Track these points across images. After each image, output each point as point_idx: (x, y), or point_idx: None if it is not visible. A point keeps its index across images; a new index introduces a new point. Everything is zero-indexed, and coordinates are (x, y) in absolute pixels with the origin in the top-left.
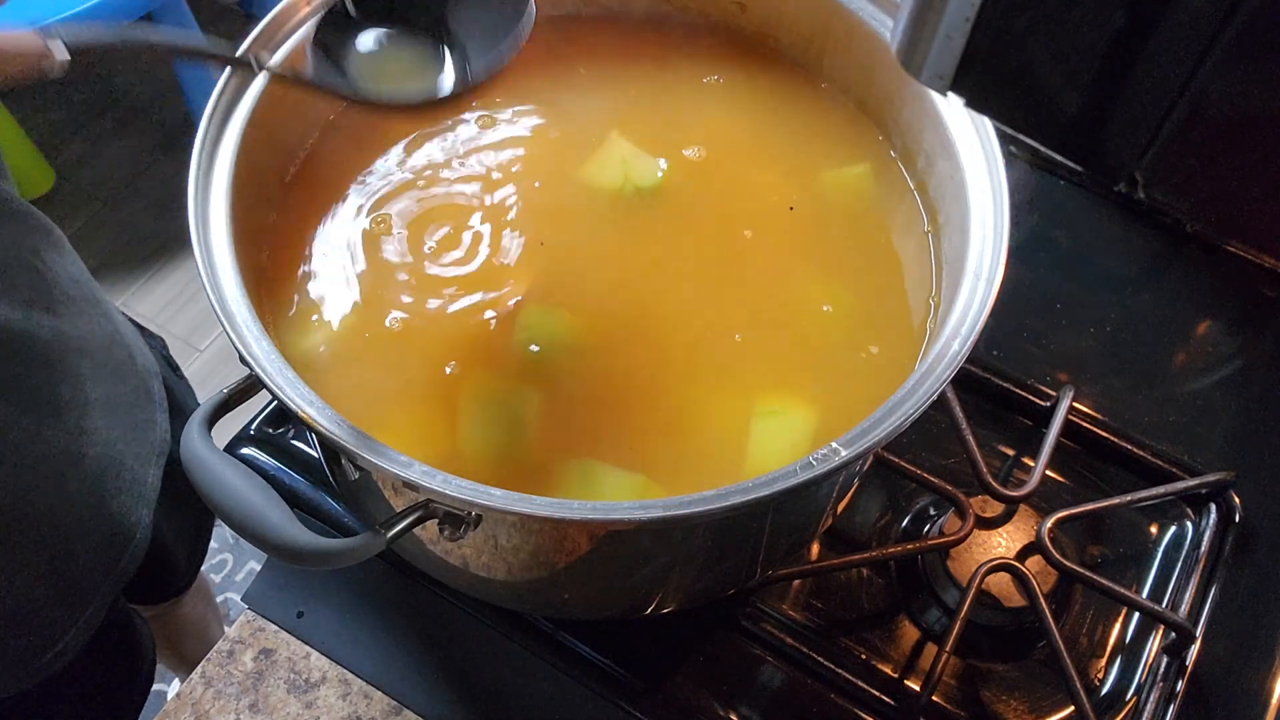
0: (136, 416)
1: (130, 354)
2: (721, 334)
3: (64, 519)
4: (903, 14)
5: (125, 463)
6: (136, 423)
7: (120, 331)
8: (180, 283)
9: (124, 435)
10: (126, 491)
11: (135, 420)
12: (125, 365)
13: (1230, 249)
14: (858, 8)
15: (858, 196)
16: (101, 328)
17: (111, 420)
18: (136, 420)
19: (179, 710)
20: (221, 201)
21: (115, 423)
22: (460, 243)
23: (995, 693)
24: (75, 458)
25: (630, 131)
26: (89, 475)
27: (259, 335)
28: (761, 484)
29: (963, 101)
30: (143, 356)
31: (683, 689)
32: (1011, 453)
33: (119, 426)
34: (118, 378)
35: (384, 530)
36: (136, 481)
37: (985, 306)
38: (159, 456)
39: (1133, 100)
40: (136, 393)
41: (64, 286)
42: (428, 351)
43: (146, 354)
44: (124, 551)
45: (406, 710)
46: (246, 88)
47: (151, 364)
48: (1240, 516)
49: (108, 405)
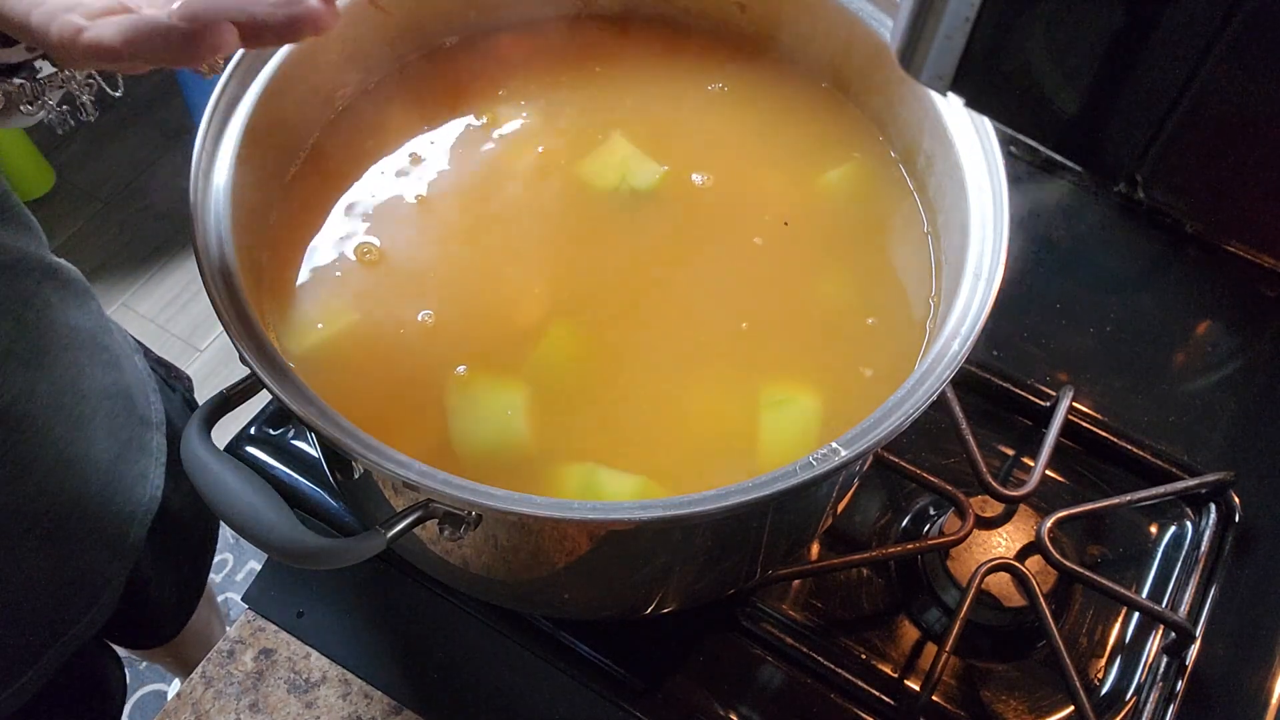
0: (124, 471)
1: (131, 404)
2: (722, 333)
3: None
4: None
5: (104, 519)
6: (124, 478)
7: (123, 381)
8: (180, 283)
9: (101, 492)
10: (102, 546)
11: (122, 475)
12: (120, 419)
13: (1230, 249)
14: (858, 8)
15: (857, 197)
16: (98, 378)
17: (88, 477)
18: (124, 475)
19: (179, 710)
20: (222, 202)
21: (93, 479)
22: (461, 243)
23: (995, 693)
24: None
25: (632, 133)
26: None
27: (259, 335)
28: (761, 484)
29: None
30: (145, 407)
31: (683, 689)
32: (1011, 453)
33: (96, 483)
34: (107, 431)
35: (384, 530)
36: (115, 538)
37: (985, 306)
38: (145, 514)
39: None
40: (127, 447)
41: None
42: (428, 351)
43: (152, 404)
44: (93, 603)
45: (406, 710)
46: (247, 88)
47: (157, 415)
48: (1240, 516)
49: (87, 461)
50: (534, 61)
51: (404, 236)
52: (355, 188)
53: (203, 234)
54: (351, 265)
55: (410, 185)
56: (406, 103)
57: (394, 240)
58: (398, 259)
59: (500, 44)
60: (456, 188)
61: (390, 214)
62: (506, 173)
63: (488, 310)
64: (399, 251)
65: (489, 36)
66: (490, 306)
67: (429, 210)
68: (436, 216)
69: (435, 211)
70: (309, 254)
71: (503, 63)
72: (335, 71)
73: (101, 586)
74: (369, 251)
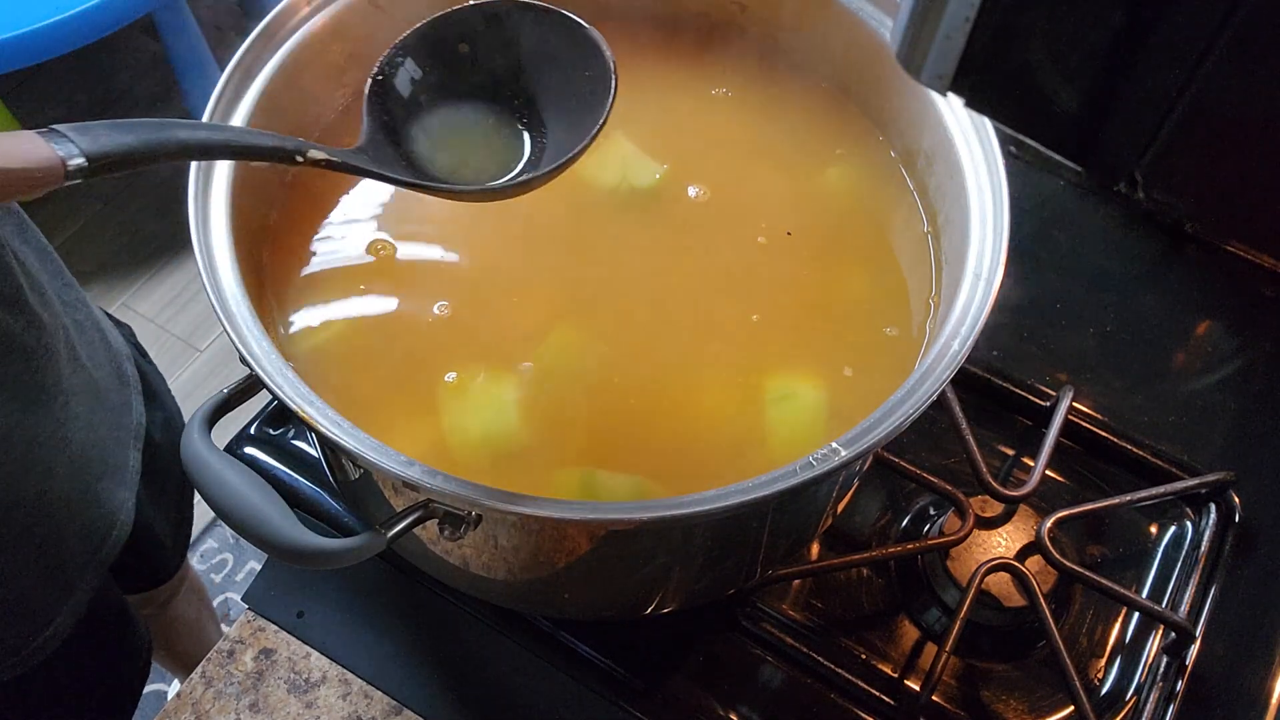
0: (113, 400)
1: (104, 336)
2: (722, 331)
3: (52, 505)
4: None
5: (107, 446)
6: (114, 406)
7: (93, 314)
8: (180, 283)
9: (104, 420)
10: (109, 475)
11: (113, 404)
12: (99, 349)
13: (1230, 249)
14: (858, 8)
15: (857, 197)
16: (74, 311)
17: (91, 405)
18: (114, 404)
19: (179, 710)
20: (221, 201)
21: (95, 407)
22: (461, 243)
23: (995, 693)
24: (61, 444)
25: (632, 132)
26: (74, 461)
27: (259, 335)
28: (761, 484)
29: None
30: (114, 338)
31: (683, 689)
32: (1011, 453)
33: (99, 411)
34: (93, 363)
35: (384, 530)
36: (118, 465)
37: (985, 306)
38: (137, 439)
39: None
40: (111, 377)
41: (34, 274)
42: (428, 352)
43: (117, 336)
44: (108, 534)
45: (406, 710)
46: (247, 88)
47: (123, 346)
48: (1240, 516)
49: (86, 391)
50: None
51: (403, 237)
52: (355, 188)
53: (202, 234)
54: (351, 265)
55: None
56: None
57: (393, 241)
58: (397, 260)
59: None
60: None
61: (390, 214)
62: None
63: (489, 309)
64: (398, 252)
65: None
66: (491, 306)
67: (428, 210)
68: (436, 216)
69: (435, 211)
70: (309, 254)
71: None
72: (335, 71)
73: (116, 510)
74: (368, 252)
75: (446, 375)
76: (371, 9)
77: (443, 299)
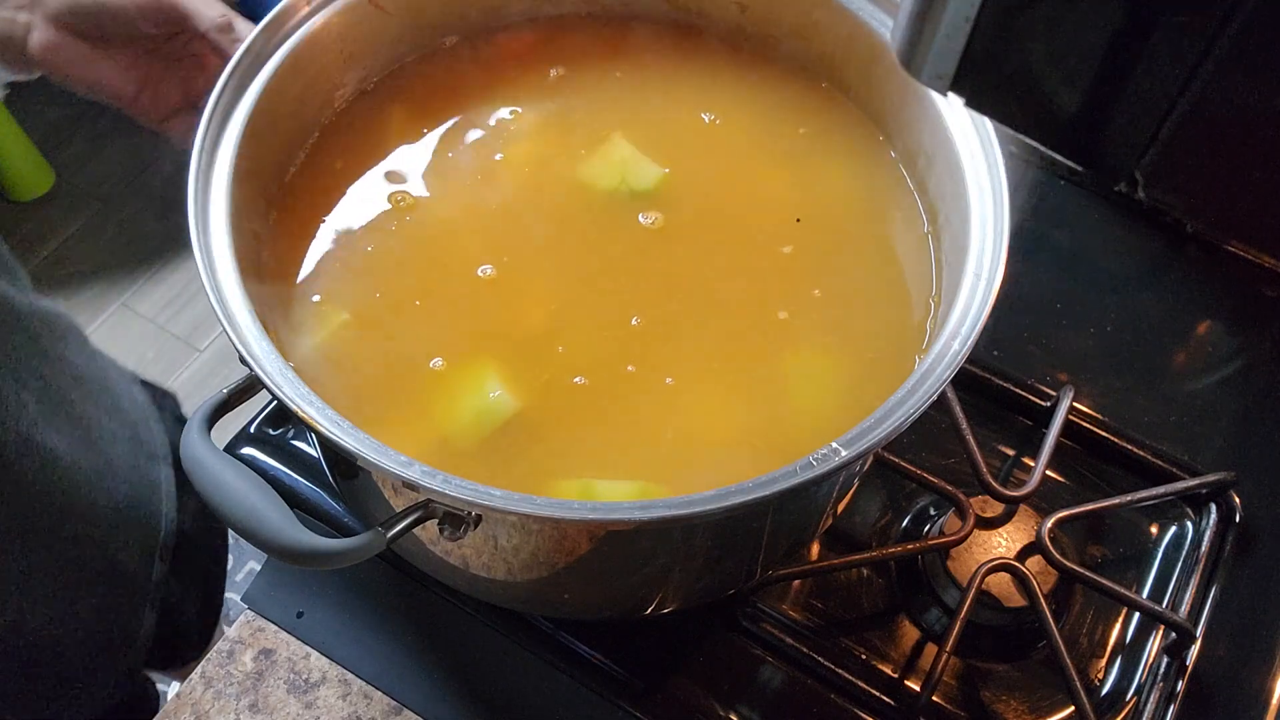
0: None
1: (137, 441)
2: (721, 331)
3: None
4: (903, 14)
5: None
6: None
7: (128, 420)
8: (180, 283)
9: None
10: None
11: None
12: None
13: (1230, 249)
14: (858, 8)
15: (857, 197)
16: (105, 424)
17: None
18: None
19: (179, 710)
20: (221, 201)
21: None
22: (460, 244)
23: (995, 693)
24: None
25: (632, 133)
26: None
27: (259, 335)
28: (761, 484)
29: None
30: (149, 440)
31: (683, 689)
32: (1011, 453)
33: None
34: (122, 475)
35: (384, 530)
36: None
37: (985, 306)
38: (165, 548)
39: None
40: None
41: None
42: (429, 353)
43: (155, 434)
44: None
45: (406, 710)
46: (247, 87)
47: (161, 446)
48: (1240, 516)
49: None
50: (534, 61)
51: (403, 238)
52: (355, 188)
53: (202, 234)
54: (351, 266)
55: (409, 186)
56: (406, 103)
57: (395, 240)
58: (397, 260)
59: (500, 44)
60: (455, 188)
61: (389, 215)
62: (506, 174)
63: (489, 311)
64: (398, 253)
65: (489, 36)
66: (492, 308)
67: (428, 211)
68: (436, 217)
69: (434, 212)
70: (309, 254)
71: (503, 63)
72: (335, 71)
73: (137, 624)
74: (368, 252)
75: (446, 375)
76: (371, 9)
77: (443, 300)
